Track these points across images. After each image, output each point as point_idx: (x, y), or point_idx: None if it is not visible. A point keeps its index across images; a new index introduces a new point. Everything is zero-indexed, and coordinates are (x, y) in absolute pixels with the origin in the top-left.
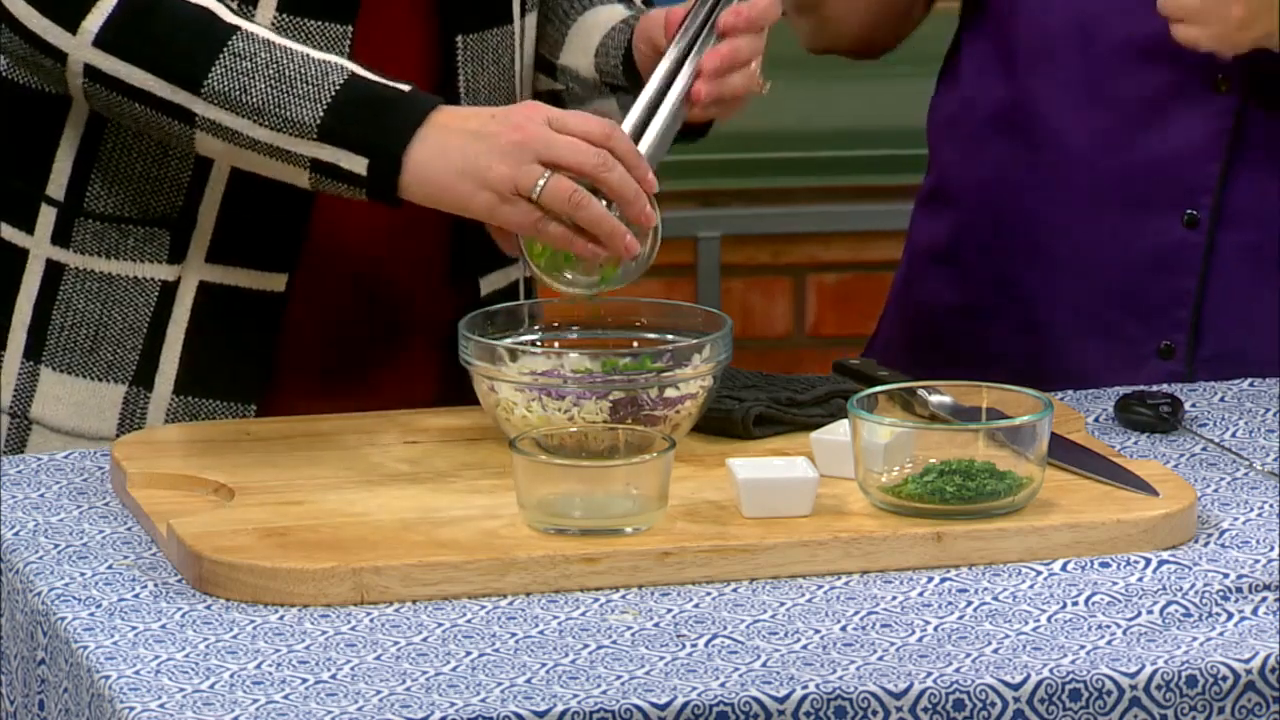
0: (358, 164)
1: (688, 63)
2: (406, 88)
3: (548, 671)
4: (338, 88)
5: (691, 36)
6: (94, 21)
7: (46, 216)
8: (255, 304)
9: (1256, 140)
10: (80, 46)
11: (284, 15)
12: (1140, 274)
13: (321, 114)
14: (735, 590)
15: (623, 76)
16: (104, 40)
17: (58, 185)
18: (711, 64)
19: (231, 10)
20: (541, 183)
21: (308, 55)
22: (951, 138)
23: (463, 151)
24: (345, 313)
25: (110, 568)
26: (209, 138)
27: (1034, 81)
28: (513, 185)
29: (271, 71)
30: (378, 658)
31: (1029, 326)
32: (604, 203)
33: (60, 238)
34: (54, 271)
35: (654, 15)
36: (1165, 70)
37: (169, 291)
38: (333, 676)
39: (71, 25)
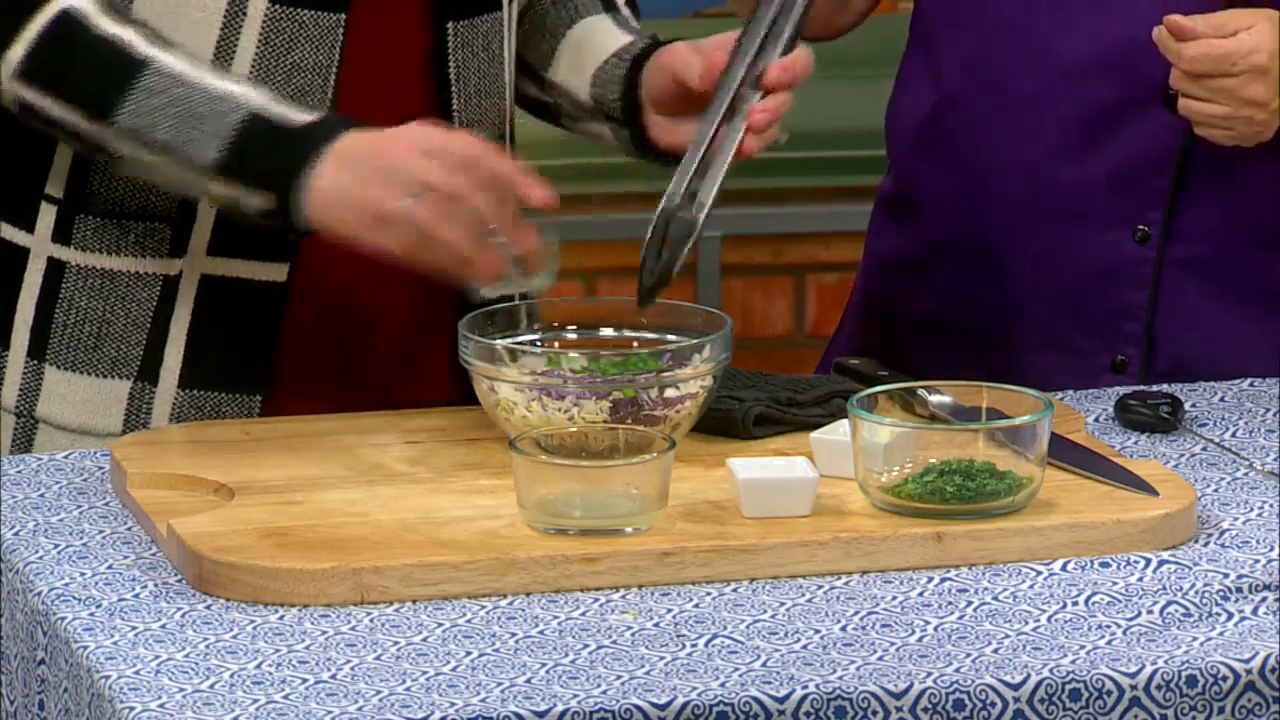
0: (259, 199)
1: (738, 116)
2: (311, 118)
3: (548, 671)
4: (238, 125)
5: (736, 85)
6: (17, 53)
7: (47, 214)
8: (257, 295)
9: (1207, 156)
10: (6, 78)
11: (276, 6)
12: (1092, 289)
13: (222, 152)
14: (735, 590)
15: (620, 111)
16: (24, 71)
17: (57, 183)
18: (761, 121)
19: (149, 37)
20: (409, 203)
21: (215, 91)
22: (907, 146)
23: (348, 180)
24: (347, 302)
25: (110, 568)
26: (129, 167)
27: (978, 97)
28: (380, 207)
29: (178, 109)
30: (378, 658)
31: (989, 342)
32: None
33: (61, 235)
34: (55, 269)
35: (679, 51)
36: (1116, 86)
37: (171, 286)
38: (333, 676)
39: None
